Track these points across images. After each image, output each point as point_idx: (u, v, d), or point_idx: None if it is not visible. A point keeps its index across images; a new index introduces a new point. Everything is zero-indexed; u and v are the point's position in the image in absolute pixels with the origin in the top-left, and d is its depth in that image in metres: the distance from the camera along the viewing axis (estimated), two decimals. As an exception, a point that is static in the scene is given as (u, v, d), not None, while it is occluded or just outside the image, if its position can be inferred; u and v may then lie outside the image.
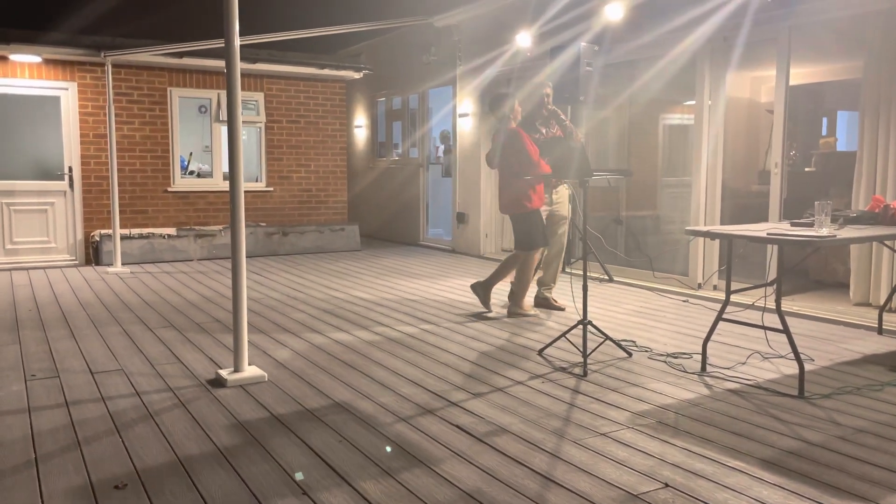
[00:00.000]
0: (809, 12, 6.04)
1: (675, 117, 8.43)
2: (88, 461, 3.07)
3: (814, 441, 3.27)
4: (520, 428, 3.45)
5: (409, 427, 3.47)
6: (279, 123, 10.62)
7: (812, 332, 5.31)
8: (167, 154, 9.86)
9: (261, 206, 10.53)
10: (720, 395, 3.94)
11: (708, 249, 7.00)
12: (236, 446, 3.24)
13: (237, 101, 4.14)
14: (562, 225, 6.19)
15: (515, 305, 5.94)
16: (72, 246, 9.32)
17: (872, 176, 5.79)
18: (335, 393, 4.00)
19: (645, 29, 7.14)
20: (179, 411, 3.70)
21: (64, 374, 4.35)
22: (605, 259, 7.88)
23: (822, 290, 6.77)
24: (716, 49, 6.85)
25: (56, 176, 9.22)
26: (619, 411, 3.68)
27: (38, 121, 9.15)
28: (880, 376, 4.25)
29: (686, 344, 5.02)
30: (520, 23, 8.43)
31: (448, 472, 2.94)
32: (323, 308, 6.40)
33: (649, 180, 8.43)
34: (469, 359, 4.70)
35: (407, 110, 11.75)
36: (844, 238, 4.06)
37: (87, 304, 6.55)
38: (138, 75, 9.60)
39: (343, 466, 3.01)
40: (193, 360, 4.70)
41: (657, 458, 3.08)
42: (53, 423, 3.52)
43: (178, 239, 9.64)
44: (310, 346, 5.04)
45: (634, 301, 6.65)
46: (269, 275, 8.38)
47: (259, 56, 9.93)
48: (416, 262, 9.46)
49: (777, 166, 6.40)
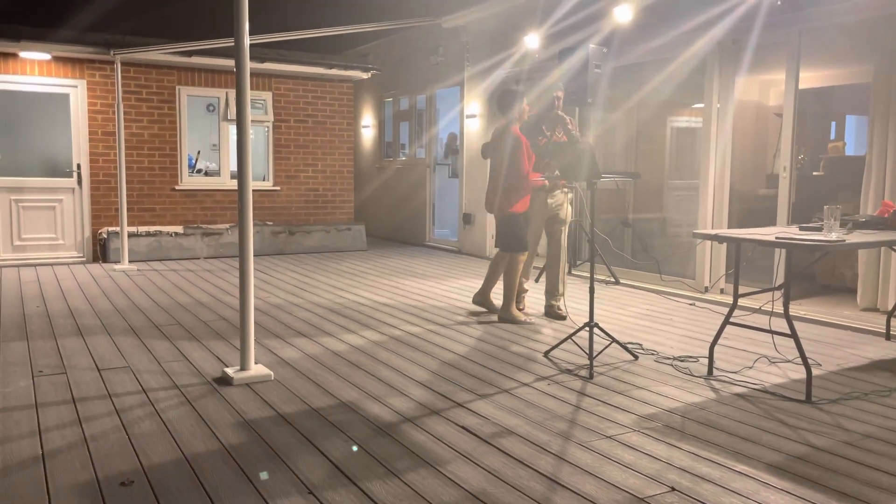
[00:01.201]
0: (820, 16, 6.02)
1: (683, 120, 8.41)
2: (95, 458, 3.08)
3: (821, 446, 3.26)
4: (525, 430, 3.44)
5: (415, 427, 3.47)
6: (287, 123, 10.64)
7: (819, 337, 5.29)
8: (175, 152, 9.89)
9: (268, 205, 10.54)
10: (727, 399, 3.92)
11: (715, 253, 6.99)
12: (242, 445, 3.24)
13: (246, 100, 4.15)
14: (559, 230, 6.06)
15: (505, 310, 5.90)
16: (79, 243, 9.35)
17: (881, 180, 5.76)
18: (341, 393, 4.00)
19: (654, 31, 7.13)
20: (186, 409, 3.71)
21: (71, 371, 4.37)
22: (611, 262, 7.87)
23: (829, 294, 6.75)
24: (725, 52, 6.83)
25: (64, 173, 9.25)
26: (625, 414, 3.67)
27: (47, 118, 9.18)
28: (888, 382, 4.23)
29: (693, 347, 5.01)
30: (528, 24, 8.42)
31: (454, 473, 2.94)
32: (329, 308, 6.41)
33: (657, 183, 8.41)
34: (475, 360, 4.70)
35: (414, 111, 11.76)
36: (854, 243, 4.04)
37: (94, 301, 6.57)
38: (147, 73, 9.63)
39: (349, 466, 3.01)
40: (200, 358, 4.71)
41: (664, 461, 3.07)
42: (60, 420, 3.54)
43: (185, 237, 9.67)
44: (316, 346, 5.05)
45: (641, 304, 6.63)
46: (275, 274, 8.40)
47: (268, 55, 9.95)
48: (422, 263, 9.46)
49: (786, 170, 6.38)
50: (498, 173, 5.78)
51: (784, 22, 6.22)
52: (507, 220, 5.79)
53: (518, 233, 5.79)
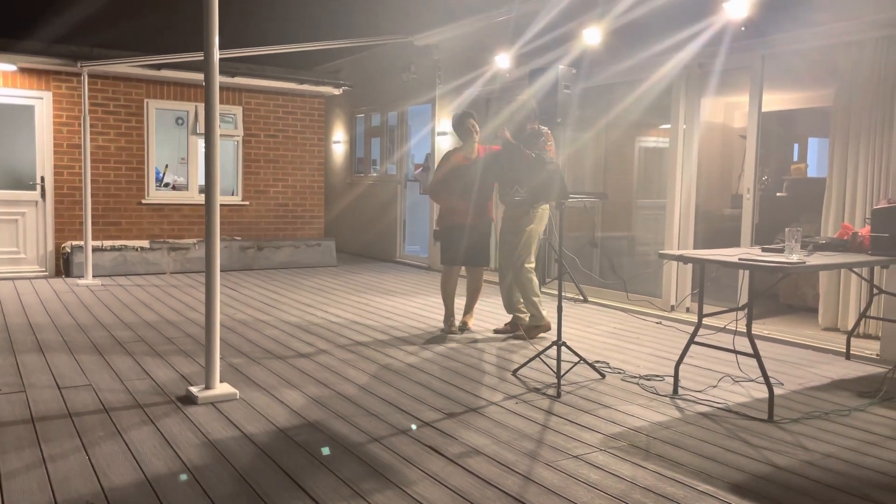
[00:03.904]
0: (783, 42, 6.18)
1: (651, 140, 8.54)
2: (54, 479, 3.01)
3: (782, 465, 3.30)
4: (493, 449, 3.44)
5: (382, 447, 3.45)
6: (257, 137, 10.59)
7: (782, 356, 5.38)
8: (142, 166, 9.77)
9: (236, 219, 10.46)
10: (691, 418, 3.97)
11: (681, 272, 7.08)
12: (206, 466, 3.19)
13: (215, 114, 4.13)
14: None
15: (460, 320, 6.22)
16: (42, 257, 9.18)
17: (841, 202, 5.90)
18: (308, 412, 3.97)
19: (623, 54, 7.25)
20: (148, 428, 3.64)
21: (30, 389, 4.27)
22: (579, 280, 7.93)
23: (792, 313, 6.88)
24: (691, 75, 6.97)
25: (28, 186, 9.09)
26: (591, 433, 3.69)
27: (12, 130, 9.02)
28: (848, 401, 4.31)
29: (659, 366, 5.06)
30: (499, 44, 8.51)
31: (420, 494, 2.93)
32: (297, 325, 6.36)
33: (624, 201, 8.51)
34: (443, 378, 4.69)
35: (386, 127, 11.78)
36: (814, 265, 4.13)
37: (56, 317, 6.44)
38: (115, 86, 9.53)
39: (314, 488, 2.98)
40: (164, 376, 4.64)
41: (629, 481, 3.09)
42: (18, 440, 3.45)
43: (151, 252, 9.54)
44: (283, 364, 5.00)
45: (609, 322, 6.69)
46: (243, 290, 8.32)
47: (238, 70, 9.91)
48: (392, 279, 9.44)
49: (749, 192, 6.50)
50: (487, 193, 6.01)
51: (748, 47, 6.38)
52: (487, 229, 6.07)
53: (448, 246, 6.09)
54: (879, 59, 5.58)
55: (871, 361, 5.25)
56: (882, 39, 5.55)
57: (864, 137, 5.72)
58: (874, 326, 5.76)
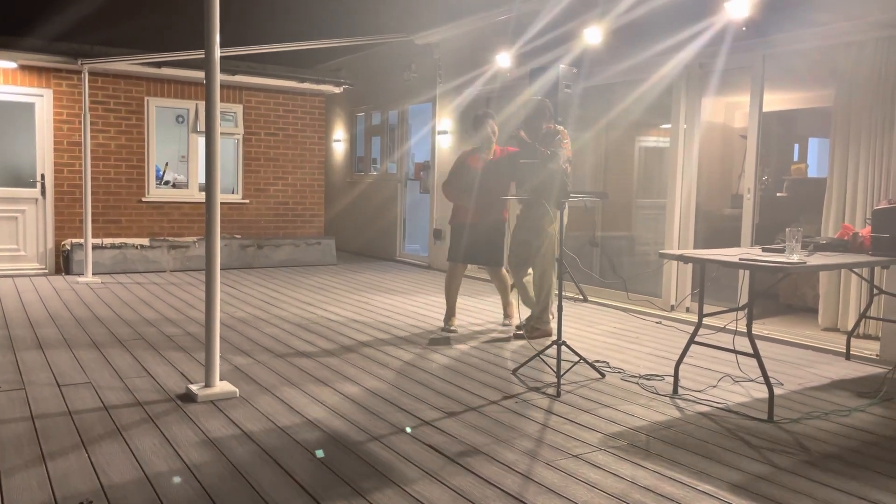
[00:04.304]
0: (784, 42, 6.17)
1: (651, 140, 8.54)
2: (53, 477, 3.01)
3: (782, 466, 3.30)
4: (492, 448, 3.44)
5: (382, 446, 3.45)
6: (257, 136, 10.58)
7: (781, 356, 5.38)
8: (142, 164, 9.77)
9: (236, 218, 10.45)
10: (691, 417, 3.97)
11: (681, 272, 7.08)
12: (205, 464, 3.19)
13: (216, 112, 4.13)
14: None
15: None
16: (42, 255, 9.17)
17: (842, 203, 5.90)
18: (307, 410, 3.96)
19: (624, 54, 7.24)
20: (148, 426, 3.64)
21: (30, 387, 4.27)
22: (580, 279, 7.93)
23: (791, 313, 6.87)
24: (692, 75, 6.97)
25: (28, 183, 9.08)
26: (591, 433, 3.69)
27: (12, 127, 9.02)
28: (848, 402, 4.31)
29: (659, 366, 5.06)
30: (500, 43, 8.51)
31: (420, 493, 2.93)
32: (297, 323, 6.36)
33: (625, 201, 8.51)
34: (443, 377, 4.69)
35: (386, 126, 11.77)
36: (814, 265, 4.13)
37: (55, 315, 6.44)
38: (115, 84, 9.52)
39: (314, 486, 2.98)
40: (164, 374, 4.63)
41: (629, 480, 3.09)
42: (18, 437, 3.45)
43: (151, 249, 9.54)
44: (283, 362, 5.00)
45: (609, 322, 6.69)
46: (243, 288, 8.31)
47: (239, 68, 9.90)
48: (391, 278, 9.44)
49: (750, 192, 6.50)
50: (499, 193, 5.93)
51: (749, 47, 6.37)
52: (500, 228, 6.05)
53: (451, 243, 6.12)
54: (880, 60, 5.58)
55: (871, 362, 5.25)
56: (882, 40, 5.54)
57: (864, 138, 5.72)
58: (874, 327, 5.76)
